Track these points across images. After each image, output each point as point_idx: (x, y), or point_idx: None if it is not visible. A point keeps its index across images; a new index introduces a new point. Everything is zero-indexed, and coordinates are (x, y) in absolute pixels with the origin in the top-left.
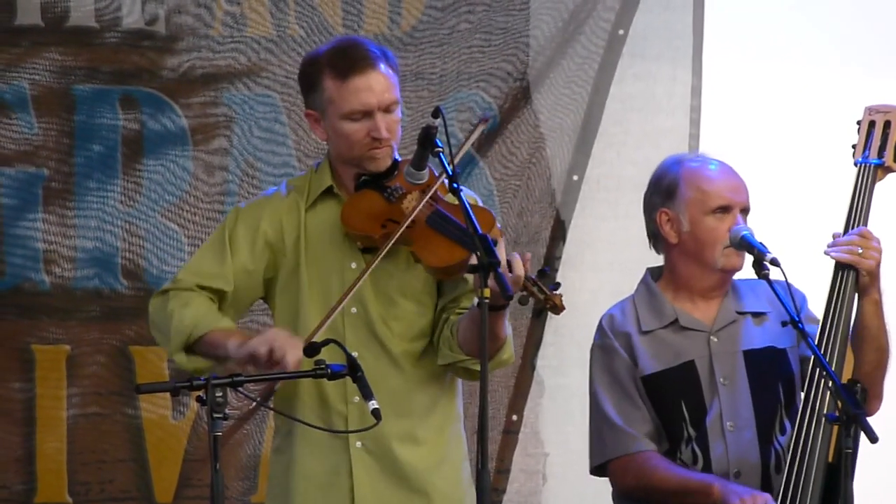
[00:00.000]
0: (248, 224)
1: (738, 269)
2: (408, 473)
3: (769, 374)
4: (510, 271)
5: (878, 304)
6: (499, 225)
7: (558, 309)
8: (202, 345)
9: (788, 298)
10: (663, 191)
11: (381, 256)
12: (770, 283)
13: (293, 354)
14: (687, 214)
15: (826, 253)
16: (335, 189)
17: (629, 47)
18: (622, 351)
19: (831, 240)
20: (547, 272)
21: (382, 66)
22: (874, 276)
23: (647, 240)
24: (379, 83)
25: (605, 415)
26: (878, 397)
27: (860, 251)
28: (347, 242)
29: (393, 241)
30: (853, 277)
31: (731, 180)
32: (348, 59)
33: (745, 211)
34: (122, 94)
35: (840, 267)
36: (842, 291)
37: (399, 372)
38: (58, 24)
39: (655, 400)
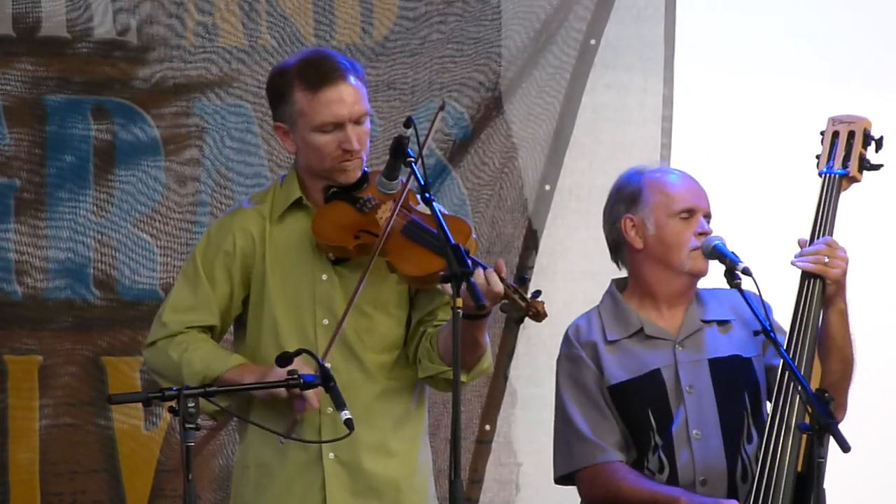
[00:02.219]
0: (219, 248)
1: (704, 273)
2: (380, 485)
3: (735, 382)
4: (487, 285)
5: (844, 314)
6: (475, 236)
7: (540, 316)
8: (218, 383)
9: (760, 308)
10: (627, 198)
11: (368, 270)
12: (742, 292)
13: (312, 391)
14: (652, 218)
15: (793, 263)
16: (304, 201)
17: (601, 57)
18: (589, 361)
19: (798, 249)
20: (526, 279)
21: (352, 78)
22: (840, 285)
23: None
24: (350, 95)
25: (573, 425)
26: (843, 407)
27: (826, 260)
28: (317, 254)
29: (364, 247)
30: (819, 287)
31: (693, 185)
32: (319, 71)
33: (707, 216)
34: (94, 104)
35: (806, 276)
36: (808, 301)
37: (372, 383)
38: (29, 34)
39: (622, 409)
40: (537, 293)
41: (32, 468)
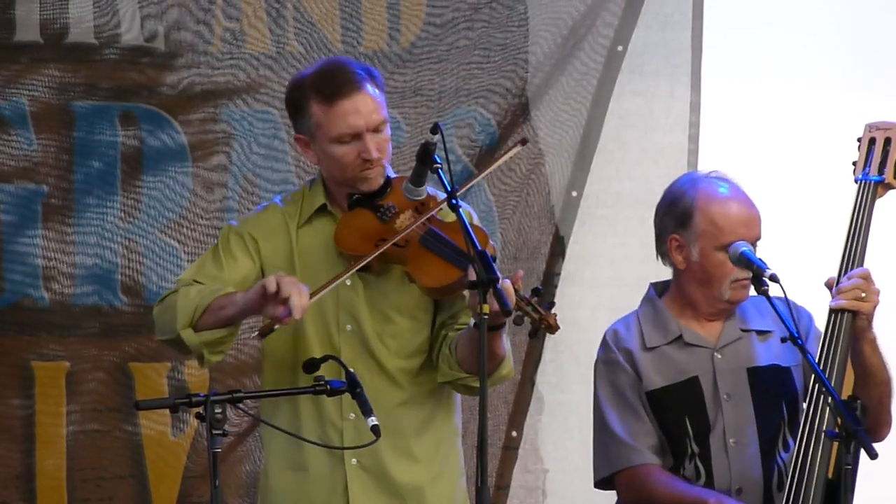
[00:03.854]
0: (241, 236)
1: (745, 300)
2: (403, 491)
3: (773, 391)
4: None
5: (875, 343)
6: (493, 242)
7: (553, 329)
8: (209, 313)
9: (787, 314)
10: (677, 216)
11: (366, 261)
12: (769, 298)
13: (298, 297)
14: (698, 246)
15: (832, 307)
16: (329, 207)
17: (628, 63)
18: (626, 365)
19: (827, 291)
20: (541, 290)
21: (368, 87)
22: (871, 318)
23: (645, 255)
24: (366, 105)
25: (610, 428)
26: (888, 424)
27: (863, 295)
28: (341, 260)
29: (383, 256)
30: (849, 318)
31: (745, 214)
32: (333, 82)
33: (755, 241)
34: (122, 110)
35: (835, 311)
36: (839, 331)
37: (395, 388)
38: (57, 41)
39: (659, 415)
40: (551, 305)
41: (60, 474)
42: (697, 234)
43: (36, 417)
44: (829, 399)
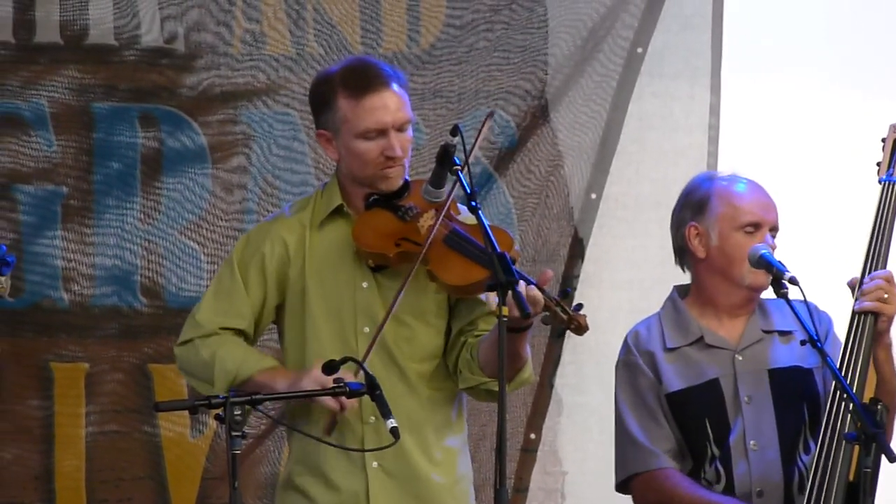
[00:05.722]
0: (254, 254)
1: (765, 287)
2: (424, 493)
3: (794, 393)
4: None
5: (889, 349)
6: (517, 247)
7: (582, 329)
8: (248, 387)
9: (807, 316)
10: (694, 205)
11: (409, 278)
12: (788, 301)
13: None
14: (717, 229)
15: (855, 309)
16: (345, 208)
17: (647, 66)
18: (646, 368)
19: (849, 293)
20: (570, 292)
21: (395, 86)
22: (891, 321)
23: (665, 258)
24: (393, 102)
25: (628, 431)
26: (890, 437)
27: (886, 297)
28: (357, 261)
29: (404, 255)
30: (871, 320)
31: (762, 198)
32: (363, 78)
33: (774, 229)
34: (141, 111)
35: (858, 313)
36: (861, 333)
37: (413, 392)
38: (77, 42)
39: (679, 418)
40: (579, 306)
41: (78, 475)
42: (716, 217)
43: (55, 418)
44: (846, 398)
